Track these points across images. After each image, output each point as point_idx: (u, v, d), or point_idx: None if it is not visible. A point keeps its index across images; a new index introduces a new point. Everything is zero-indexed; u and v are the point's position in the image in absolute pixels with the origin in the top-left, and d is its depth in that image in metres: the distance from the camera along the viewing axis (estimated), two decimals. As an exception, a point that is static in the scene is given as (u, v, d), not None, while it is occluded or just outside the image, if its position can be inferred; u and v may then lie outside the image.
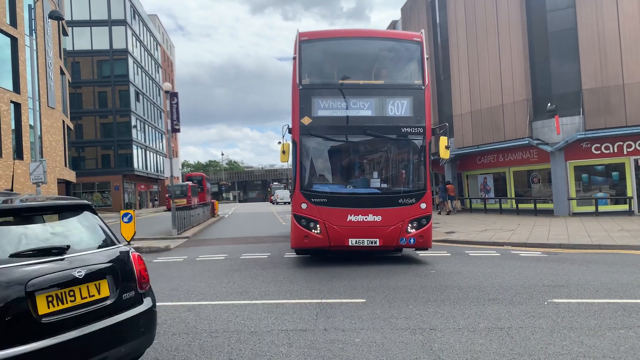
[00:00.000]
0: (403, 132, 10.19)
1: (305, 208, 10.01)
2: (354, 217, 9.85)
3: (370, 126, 10.15)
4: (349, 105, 10.24)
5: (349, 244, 9.87)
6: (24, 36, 31.44)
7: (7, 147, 29.49)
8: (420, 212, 10.03)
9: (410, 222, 9.95)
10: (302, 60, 10.32)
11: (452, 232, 16.55)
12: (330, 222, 9.87)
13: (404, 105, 10.22)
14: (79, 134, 55.50)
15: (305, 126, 10.10)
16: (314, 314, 6.27)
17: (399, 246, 10.21)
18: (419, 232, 10.00)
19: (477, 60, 25.74)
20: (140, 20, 64.54)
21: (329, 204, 9.95)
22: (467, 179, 29.30)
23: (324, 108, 10.27)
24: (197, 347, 5.08)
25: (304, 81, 10.30)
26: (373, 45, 11.01)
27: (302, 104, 10.15)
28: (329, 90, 10.50)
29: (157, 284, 8.84)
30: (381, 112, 10.31)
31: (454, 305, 6.57)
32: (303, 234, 10.02)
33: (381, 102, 10.35)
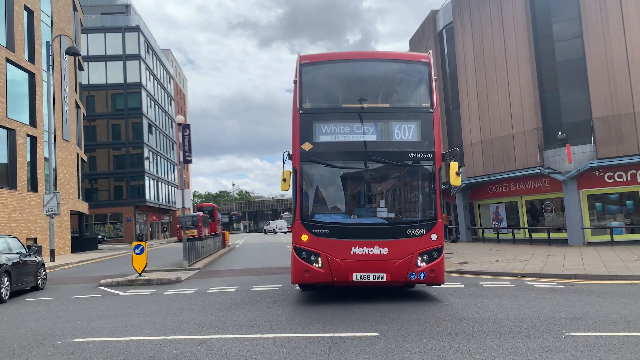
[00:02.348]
0: (411, 157, 9.51)
1: (306, 240, 9.35)
2: (358, 249, 9.13)
3: (375, 152, 9.51)
4: (352, 130, 9.66)
5: (353, 279, 9.10)
6: (41, 72, 32.25)
7: (22, 180, 29.89)
8: (431, 244, 9.24)
9: (420, 255, 9.17)
10: (302, 83, 9.86)
11: (465, 262, 16.35)
12: (332, 255, 9.16)
13: (411, 129, 9.58)
14: (93, 166, 56.25)
15: (306, 152, 9.51)
16: (326, 348, 6.18)
17: (408, 282, 9.35)
18: (430, 266, 9.17)
19: (486, 90, 25.91)
20: (153, 54, 66.07)
21: (332, 235, 9.28)
22: (478, 208, 29.10)
23: (326, 133, 9.72)
24: (209, 383, 5.01)
25: (304, 105, 9.80)
26: (377, 68, 10.48)
27: (303, 129, 9.63)
28: (330, 114, 10.01)
29: (168, 317, 8.80)
30: (387, 136, 9.68)
31: (469, 339, 6.44)
32: (304, 268, 9.31)
33: (387, 127, 9.74)
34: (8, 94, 28.98)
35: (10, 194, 28.54)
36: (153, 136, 63.44)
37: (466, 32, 27.50)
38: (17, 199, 29.18)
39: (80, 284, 15.11)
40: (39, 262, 14.39)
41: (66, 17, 37.26)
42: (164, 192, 68.06)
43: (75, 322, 8.73)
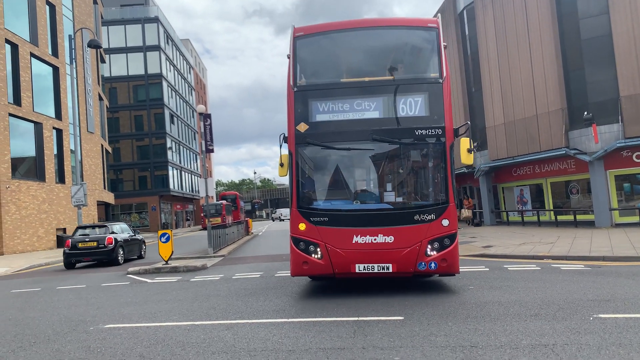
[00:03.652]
0: (417, 134, 8.50)
1: (304, 229, 8.58)
2: (360, 238, 8.31)
3: (378, 130, 8.58)
4: (352, 107, 8.80)
5: (356, 271, 8.33)
6: (64, 65, 32.79)
7: (50, 172, 30.59)
8: (442, 230, 8.29)
9: (430, 242, 8.25)
10: (297, 58, 9.04)
11: (489, 246, 16.22)
12: (332, 245, 8.39)
13: (418, 103, 8.64)
14: (117, 157, 57.19)
15: (302, 134, 8.75)
16: (351, 332, 6.24)
17: (418, 272, 8.40)
18: (442, 254, 8.25)
19: (508, 71, 25.42)
20: (173, 45, 66.48)
21: (331, 223, 8.50)
22: (502, 191, 28.75)
23: (323, 112, 8.87)
24: (237, 366, 5.11)
25: (299, 82, 9.00)
26: (380, 36, 9.40)
27: (298, 109, 8.86)
28: (328, 90, 9.07)
29: (195, 303, 8.97)
30: (391, 112, 8.75)
31: (494, 322, 6.42)
32: (302, 260, 8.57)
33: (391, 101, 8.78)
34: (34, 88, 29.58)
35: (39, 186, 29.26)
36: (175, 126, 64.12)
37: (487, 12, 26.94)
38: (46, 191, 29.91)
39: (109, 272, 15.49)
40: (141, 240, 20.77)
41: (87, 10, 37.69)
42: (187, 182, 68.93)
43: (106, 308, 8.97)
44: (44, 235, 29.38)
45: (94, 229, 18.97)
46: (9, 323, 8.13)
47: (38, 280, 14.71)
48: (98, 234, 18.32)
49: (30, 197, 28.27)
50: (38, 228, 28.84)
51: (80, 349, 6.15)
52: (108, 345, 6.22)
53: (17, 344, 6.64)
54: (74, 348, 6.20)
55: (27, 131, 28.96)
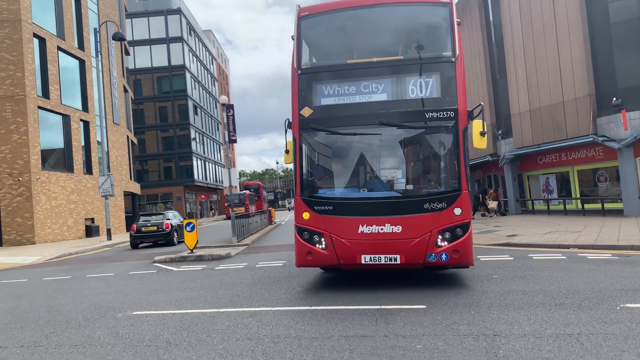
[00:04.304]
0: (428, 117, 7.99)
1: (308, 218, 8.26)
2: (366, 228, 7.91)
3: (385, 113, 8.09)
4: (359, 89, 8.34)
5: (362, 262, 7.95)
6: (90, 58, 33.35)
7: (78, 163, 31.28)
8: (454, 219, 7.78)
9: (441, 232, 7.77)
10: (301, 39, 8.66)
11: (514, 235, 16.03)
12: (337, 235, 8.03)
13: (429, 83, 8.12)
14: (142, 148, 58.10)
15: (305, 119, 8.36)
16: (373, 320, 6.28)
17: (428, 264, 7.91)
18: (453, 245, 7.74)
19: (534, 57, 24.90)
20: (195, 36, 66.92)
21: (336, 212, 8.12)
22: (528, 179, 28.30)
23: (328, 95, 8.45)
24: (260, 353, 5.21)
25: (303, 64, 8.63)
26: (388, 14, 8.84)
27: (302, 92, 8.47)
28: (334, 72, 8.62)
29: (220, 290, 9.12)
30: (400, 95, 8.26)
31: (518, 311, 6.38)
32: (306, 250, 8.25)
33: (400, 83, 8.28)
34: (61, 81, 30.19)
35: (68, 177, 29.97)
36: (198, 117, 64.75)
37: (513, -4, 26.36)
38: (75, 182, 30.62)
39: (136, 261, 15.83)
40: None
41: (111, 4, 38.18)
42: (211, 172, 69.68)
43: (133, 296, 9.19)
44: (73, 225, 30.13)
45: (154, 216, 22.29)
46: (42, 309, 8.41)
47: (68, 268, 15.13)
48: (157, 220, 21.64)
49: (60, 187, 28.99)
50: (67, 218, 29.58)
51: (110, 334, 6.34)
52: (136, 332, 6.40)
53: (49, 329, 6.87)
54: (104, 334, 6.39)
55: (55, 123, 29.63)
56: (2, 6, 26.81)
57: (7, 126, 26.57)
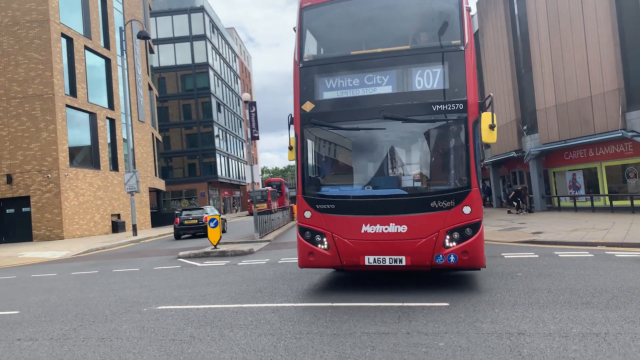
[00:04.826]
0: (435, 110, 7.52)
1: (309, 217, 7.96)
2: (370, 227, 7.55)
3: (390, 107, 7.66)
4: (362, 82, 7.93)
5: (365, 263, 7.61)
6: (116, 56, 33.90)
7: (105, 160, 31.88)
8: (463, 218, 7.31)
9: (449, 232, 7.33)
10: (303, 31, 8.33)
11: (539, 232, 15.78)
12: (340, 235, 7.70)
13: (436, 74, 7.65)
14: (167, 145, 58.90)
15: (307, 114, 8.04)
16: (395, 317, 6.26)
17: (436, 266, 7.47)
18: (462, 246, 7.29)
19: (560, 51, 24.38)
20: (218, 34, 67.45)
21: (338, 211, 7.78)
22: (554, 176, 27.78)
23: (331, 89, 8.08)
24: (282, 348, 5.25)
25: (305, 57, 8.30)
26: (393, 2, 8.56)
27: (304, 86, 8.14)
28: (336, 65, 8.24)
29: (243, 286, 9.20)
30: (405, 86, 7.81)
31: (543, 309, 6.28)
32: (308, 250, 7.96)
33: (405, 74, 7.83)
34: (88, 80, 30.79)
35: (95, 174, 30.59)
36: (222, 114, 65.32)
37: (539, -11, 25.84)
38: (101, 178, 31.24)
39: (160, 256, 16.09)
40: (224, 219, 26.79)
41: (136, 3, 38.73)
42: (234, 168, 70.29)
43: (158, 291, 9.35)
44: (100, 221, 30.75)
45: (194, 211, 25.35)
46: (70, 303, 8.62)
47: (96, 263, 15.47)
48: (197, 214, 24.41)
49: (87, 184, 29.61)
50: (94, 214, 30.20)
51: (135, 328, 6.46)
52: (161, 326, 6.51)
53: (78, 322, 7.04)
54: (130, 328, 6.52)
55: (82, 121, 30.25)
56: (31, 7, 27.46)
57: (37, 124, 27.24)
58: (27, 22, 27.47)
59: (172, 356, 5.20)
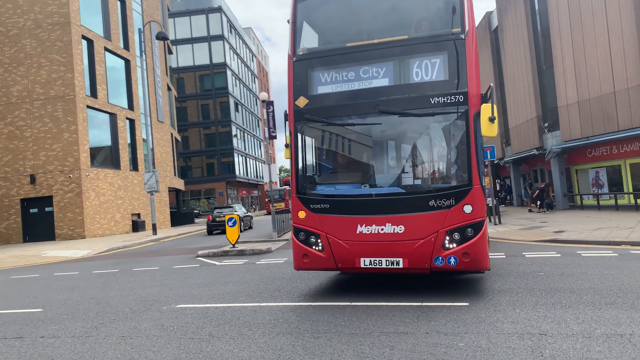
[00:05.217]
0: (434, 103, 7.10)
1: (304, 217, 7.62)
2: (365, 228, 7.18)
3: (386, 100, 7.28)
4: (358, 75, 7.54)
5: (361, 265, 7.25)
6: (135, 58, 34.29)
7: (125, 160, 32.28)
8: (464, 218, 6.90)
9: (449, 233, 6.92)
10: (297, 23, 8.00)
11: (561, 231, 15.51)
12: (334, 236, 7.36)
13: (435, 65, 7.23)
14: (186, 145, 59.44)
15: (301, 109, 7.72)
16: (414, 316, 6.20)
17: (435, 269, 7.06)
18: (463, 247, 6.86)
19: (582, 46, 23.93)
20: (236, 34, 67.81)
21: (332, 210, 7.43)
22: (576, 173, 27.29)
23: (326, 83, 7.72)
24: (301, 347, 5.23)
25: (299, 50, 7.94)
26: None
27: (297, 81, 7.82)
28: (331, 57, 7.85)
29: (261, 285, 9.23)
30: (403, 79, 7.42)
31: (565, 310, 6.16)
32: (302, 252, 7.65)
33: (403, 66, 7.43)
34: (108, 81, 31.23)
35: (115, 174, 31.01)
36: (239, 114, 65.68)
37: (559, -17, 25.39)
38: (121, 178, 31.65)
39: (180, 255, 16.23)
40: (251, 216, 31.01)
41: (154, 4, 39.14)
42: (251, 168, 70.65)
43: (177, 289, 9.42)
44: (121, 220, 31.17)
45: (225, 209, 27.42)
46: (92, 301, 8.74)
47: (116, 262, 15.67)
48: (227, 212, 25.73)
49: (108, 184, 30.03)
50: (115, 213, 30.62)
51: (155, 327, 6.52)
52: (180, 324, 6.55)
53: (99, 320, 7.14)
54: (149, 326, 6.58)
55: (103, 122, 30.68)
56: (52, 10, 27.93)
57: (59, 125, 27.70)
58: (48, 24, 27.95)
59: (191, 354, 5.23)
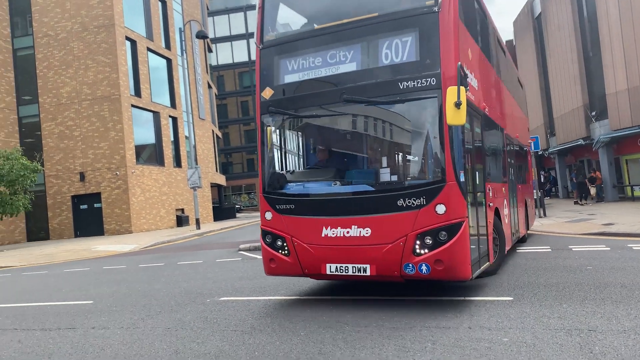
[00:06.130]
0: (402, 89, 6.21)
1: (270, 219, 6.99)
2: (330, 230, 6.49)
3: (352, 88, 6.49)
4: (325, 60, 6.77)
5: (327, 272, 6.59)
6: (176, 57, 35.07)
7: (168, 157, 33.14)
8: (436, 219, 5.97)
9: (419, 237, 6.03)
10: (266, 8, 7.38)
11: (610, 223, 14.93)
12: (300, 239, 6.71)
13: (406, 45, 6.31)
14: (226, 142, 60.48)
15: (266, 101, 7.09)
16: (456, 311, 6.11)
17: (407, 277, 6.24)
18: (435, 253, 5.96)
19: (632, 31, 22.86)
20: (274, 30, 68.19)
21: (297, 211, 6.77)
22: (626, 164, 26.17)
23: (292, 71, 7.01)
24: (342, 340, 5.25)
25: (267, 37, 7.29)
26: None
27: (264, 70, 7.22)
28: (298, 43, 7.09)
29: (301, 279, 9.30)
30: (372, 62, 6.59)
31: (616, 305, 5.93)
32: (269, 257, 7.06)
33: (371, 47, 6.60)
34: (151, 80, 32.08)
35: (159, 170, 31.89)
36: (278, 109, 66.21)
37: (607, -34, 24.32)
38: (165, 175, 32.52)
39: (222, 249, 16.55)
40: None
41: (194, 3, 39.87)
42: (291, 163, 71.17)
43: (220, 282, 9.62)
44: (165, 215, 32.05)
45: None
46: (139, 294, 9.04)
47: (161, 256, 16.13)
48: None
49: (152, 180, 30.91)
50: (160, 209, 31.51)
51: (199, 319, 6.68)
52: (223, 317, 6.69)
53: (145, 312, 7.37)
54: (194, 318, 6.75)
55: (147, 120, 31.56)
56: (98, 13, 28.88)
57: (105, 124, 28.69)
58: (94, 27, 28.92)
59: (233, 346, 5.33)
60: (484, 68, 8.23)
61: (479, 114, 7.56)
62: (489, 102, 8.40)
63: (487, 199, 7.60)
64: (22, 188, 23.92)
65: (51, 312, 8.00)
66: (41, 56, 29.63)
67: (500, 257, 8.40)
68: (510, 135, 10.81)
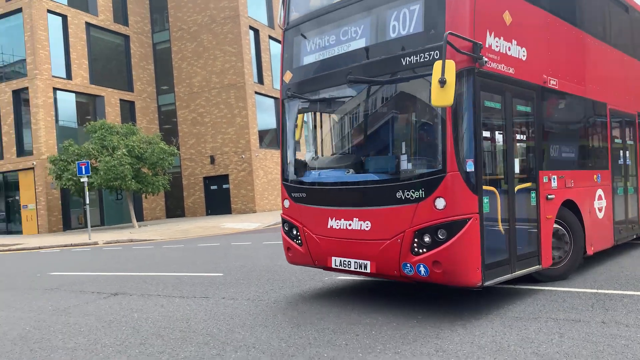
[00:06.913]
0: (405, 65, 5.48)
1: (288, 207, 6.80)
2: (335, 222, 6.10)
3: (357, 67, 5.92)
4: (338, 38, 6.23)
5: (332, 265, 6.22)
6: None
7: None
8: (434, 215, 5.21)
9: (417, 234, 5.34)
10: None
11: None
12: (310, 229, 6.43)
13: (413, 14, 5.53)
14: (343, 125, 61.19)
15: (286, 85, 6.82)
16: (588, 304, 5.68)
17: (406, 278, 5.61)
18: (433, 254, 5.24)
19: None
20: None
21: (308, 200, 6.48)
22: None
23: (310, 52, 6.60)
24: (460, 327, 5.15)
25: (292, 18, 6.96)
26: None
27: (286, 53, 6.93)
28: (316, 21, 6.58)
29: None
30: (379, 37, 5.93)
31: None
32: (286, 245, 6.92)
33: (380, 20, 5.91)
34: (272, 68, 33.47)
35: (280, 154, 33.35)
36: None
37: None
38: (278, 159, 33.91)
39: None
40: None
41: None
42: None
43: (338, 263, 9.88)
44: (286, 197, 33.51)
45: None
46: (263, 269, 9.62)
47: (282, 235, 16.94)
48: None
49: (274, 163, 32.43)
50: (281, 190, 33.02)
51: (317, 296, 6.95)
52: (339, 294, 6.90)
53: (269, 286, 7.85)
54: (311, 296, 7.04)
55: (269, 106, 33.06)
56: (224, 5, 30.69)
57: (232, 111, 30.60)
58: (221, 19, 30.79)
59: (350, 324, 5.48)
60: (549, 31, 6.75)
61: (532, 88, 6.30)
62: (564, 72, 6.98)
63: (541, 190, 6.34)
64: (162, 170, 26.52)
65: (188, 281, 8.84)
66: (176, 49, 32.33)
67: (574, 259, 7.02)
68: (618, 110, 8.71)
